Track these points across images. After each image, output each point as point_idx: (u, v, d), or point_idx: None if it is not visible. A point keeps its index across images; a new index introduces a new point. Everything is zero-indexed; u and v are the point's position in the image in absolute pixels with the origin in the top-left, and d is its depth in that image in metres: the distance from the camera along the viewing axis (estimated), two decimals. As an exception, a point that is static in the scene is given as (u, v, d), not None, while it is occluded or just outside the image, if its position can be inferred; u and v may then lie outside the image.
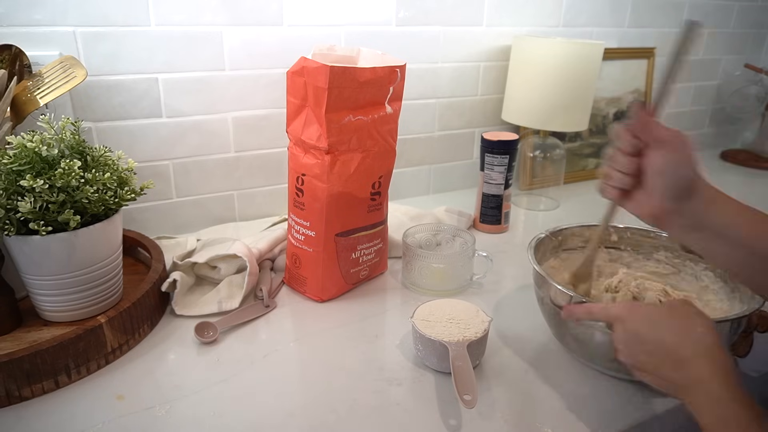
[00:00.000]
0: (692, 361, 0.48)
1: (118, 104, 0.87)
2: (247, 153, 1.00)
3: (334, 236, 0.76)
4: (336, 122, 0.70)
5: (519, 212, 1.16)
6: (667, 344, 0.50)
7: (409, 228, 0.87)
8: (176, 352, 0.67)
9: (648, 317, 0.52)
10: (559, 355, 0.68)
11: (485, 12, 1.14)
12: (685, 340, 0.49)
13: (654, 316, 0.52)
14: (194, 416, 0.57)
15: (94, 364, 0.63)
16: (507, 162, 0.99)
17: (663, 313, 0.52)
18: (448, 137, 1.21)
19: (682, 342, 0.49)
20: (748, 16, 1.57)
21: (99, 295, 0.66)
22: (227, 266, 0.79)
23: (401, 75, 0.75)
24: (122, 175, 0.66)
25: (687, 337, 0.49)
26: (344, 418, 0.57)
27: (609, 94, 1.37)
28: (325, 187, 0.72)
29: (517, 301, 0.80)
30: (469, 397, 0.55)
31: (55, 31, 0.80)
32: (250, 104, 0.97)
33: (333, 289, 0.79)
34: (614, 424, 0.57)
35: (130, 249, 0.83)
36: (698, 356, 0.48)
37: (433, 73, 1.13)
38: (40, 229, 0.58)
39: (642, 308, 0.55)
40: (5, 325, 0.64)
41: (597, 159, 1.39)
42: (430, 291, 0.81)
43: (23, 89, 0.71)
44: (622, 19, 1.34)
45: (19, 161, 0.58)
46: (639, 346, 0.52)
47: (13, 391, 0.57)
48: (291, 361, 0.66)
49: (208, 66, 0.91)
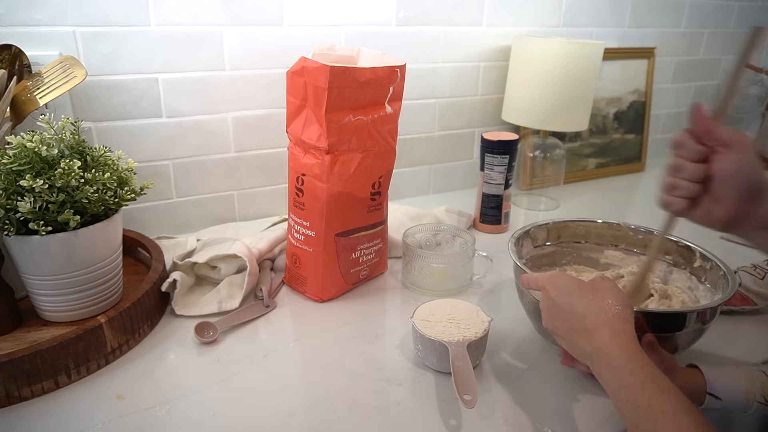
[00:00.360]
0: (597, 330, 0.51)
1: (118, 104, 0.87)
2: (247, 153, 1.00)
3: (334, 236, 0.76)
4: (336, 122, 0.70)
5: (519, 212, 1.16)
6: (577, 312, 0.53)
7: (409, 228, 0.87)
8: (176, 352, 0.67)
9: (565, 286, 0.56)
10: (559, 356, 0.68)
11: (485, 12, 1.14)
12: (593, 309, 0.52)
13: (571, 285, 0.56)
14: (194, 416, 0.57)
15: (94, 364, 0.63)
16: (507, 162, 0.99)
17: (580, 284, 0.55)
18: (448, 137, 1.21)
19: (590, 311, 0.52)
20: (748, 16, 1.57)
21: (99, 295, 0.66)
22: (227, 266, 0.79)
23: (401, 75, 0.75)
24: (122, 175, 0.66)
25: (595, 307, 0.53)
26: (344, 418, 0.57)
27: (609, 94, 1.37)
28: (325, 187, 0.72)
29: (517, 302, 0.80)
30: (469, 397, 0.55)
31: (55, 31, 0.80)
32: (250, 104, 0.97)
33: (333, 289, 0.79)
34: (614, 425, 0.57)
35: (130, 249, 0.83)
36: (602, 325, 0.51)
37: (433, 73, 1.13)
38: (39, 229, 0.58)
39: (563, 277, 0.57)
40: (5, 325, 0.64)
41: (597, 159, 1.40)
42: (430, 291, 0.81)
43: (23, 89, 0.71)
44: (622, 19, 1.34)
45: (19, 161, 0.58)
46: (556, 313, 0.56)
47: (13, 391, 0.57)
48: (291, 361, 0.66)
49: (208, 66, 0.91)
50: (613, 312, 0.52)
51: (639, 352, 0.48)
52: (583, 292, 0.54)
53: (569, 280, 0.57)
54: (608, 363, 0.49)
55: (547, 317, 0.57)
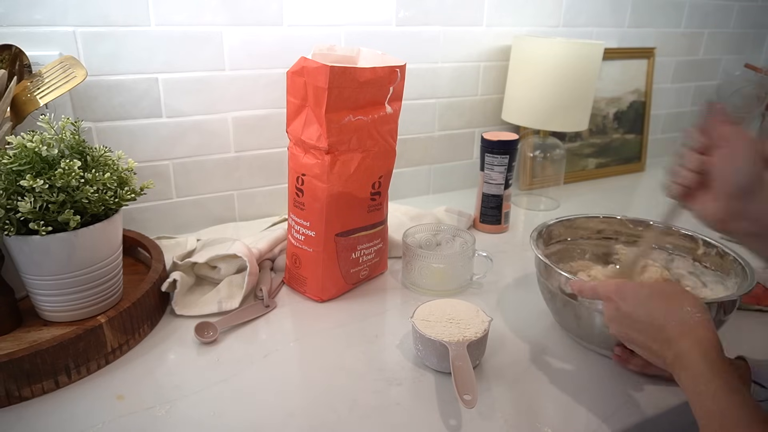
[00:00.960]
0: (678, 340, 0.50)
1: (118, 104, 0.87)
2: (247, 153, 1.00)
3: (334, 236, 0.76)
4: (336, 122, 0.70)
5: (519, 212, 1.16)
6: (656, 323, 0.52)
7: (409, 228, 0.87)
8: (176, 352, 0.67)
9: (637, 296, 0.55)
10: (559, 356, 0.68)
11: (485, 12, 1.14)
12: (673, 318, 0.52)
13: (642, 295, 0.55)
14: (194, 416, 0.57)
15: (94, 364, 0.63)
16: (507, 162, 0.99)
17: (651, 293, 0.55)
18: (448, 137, 1.21)
19: (670, 320, 0.52)
20: (748, 16, 1.57)
21: (99, 295, 0.66)
22: (227, 266, 0.79)
23: (401, 75, 0.75)
24: (122, 175, 0.66)
25: (674, 316, 0.52)
26: (344, 418, 0.57)
27: (609, 94, 1.37)
28: (325, 187, 0.72)
29: (517, 301, 0.80)
30: (469, 396, 0.55)
31: (55, 31, 0.80)
32: (250, 104, 0.97)
33: (333, 289, 0.79)
34: (614, 424, 0.57)
35: (130, 249, 0.83)
36: (684, 335, 0.50)
37: (433, 73, 1.13)
38: (40, 229, 0.58)
39: (630, 286, 0.57)
40: (5, 325, 0.64)
41: (597, 159, 1.40)
42: (430, 291, 0.81)
43: (23, 89, 0.71)
44: (622, 19, 1.34)
45: (19, 161, 0.58)
46: (631, 324, 0.55)
47: (13, 391, 0.57)
48: (291, 361, 0.66)
49: (208, 66, 0.91)
50: (694, 320, 0.51)
51: (719, 360, 0.47)
52: (659, 301, 0.54)
53: (639, 288, 0.56)
54: (691, 372, 0.48)
55: (618, 328, 0.57)
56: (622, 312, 0.55)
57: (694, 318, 0.51)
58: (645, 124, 1.46)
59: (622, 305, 0.55)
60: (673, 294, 0.54)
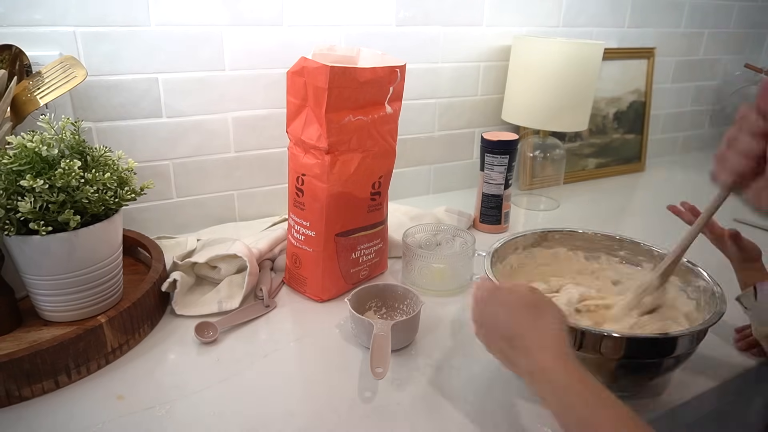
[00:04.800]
0: (538, 351, 0.48)
1: (118, 104, 0.87)
2: (247, 153, 1.00)
3: (334, 236, 0.76)
4: (336, 122, 0.70)
5: (519, 212, 1.16)
6: (515, 331, 0.51)
7: (409, 228, 0.87)
8: (176, 352, 0.67)
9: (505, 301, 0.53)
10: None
11: (485, 12, 1.14)
12: (533, 328, 0.50)
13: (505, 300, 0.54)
14: (194, 416, 0.57)
15: (94, 364, 0.63)
16: (507, 162, 0.99)
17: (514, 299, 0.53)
18: (448, 137, 1.21)
19: (530, 330, 0.50)
20: (748, 16, 1.57)
21: (99, 295, 0.66)
22: (227, 266, 0.79)
23: (401, 75, 0.75)
24: (122, 175, 0.66)
25: (534, 326, 0.50)
26: (344, 418, 0.57)
27: (609, 94, 1.37)
28: (325, 187, 0.72)
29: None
30: (380, 369, 0.59)
31: (55, 31, 0.80)
32: (250, 104, 0.97)
33: (333, 289, 0.79)
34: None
35: (130, 249, 0.83)
36: (543, 347, 0.48)
37: (433, 73, 1.13)
38: (40, 229, 0.58)
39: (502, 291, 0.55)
40: (5, 325, 0.64)
41: (597, 159, 1.40)
42: (430, 291, 0.81)
43: (23, 89, 0.71)
44: (622, 19, 1.34)
45: (19, 161, 0.58)
46: (493, 330, 0.54)
47: (13, 391, 0.57)
48: (291, 360, 0.66)
49: (208, 66, 0.91)
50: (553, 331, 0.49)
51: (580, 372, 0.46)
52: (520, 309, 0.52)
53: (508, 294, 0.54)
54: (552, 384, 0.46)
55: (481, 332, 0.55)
56: (485, 315, 0.54)
57: (554, 328, 0.50)
58: (645, 124, 1.46)
59: (484, 307, 0.54)
60: (539, 303, 0.52)
